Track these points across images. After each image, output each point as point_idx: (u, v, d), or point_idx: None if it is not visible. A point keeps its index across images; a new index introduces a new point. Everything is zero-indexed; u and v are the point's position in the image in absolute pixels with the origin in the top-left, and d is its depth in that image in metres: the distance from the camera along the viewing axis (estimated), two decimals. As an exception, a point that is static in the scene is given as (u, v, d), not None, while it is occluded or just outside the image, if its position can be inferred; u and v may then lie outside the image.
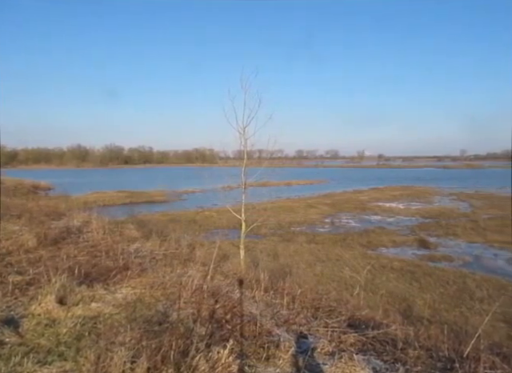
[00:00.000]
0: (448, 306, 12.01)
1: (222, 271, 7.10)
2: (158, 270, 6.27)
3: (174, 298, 4.87)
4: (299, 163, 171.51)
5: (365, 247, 20.86)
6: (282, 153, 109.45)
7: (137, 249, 8.04)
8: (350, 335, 4.24)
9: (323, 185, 67.32)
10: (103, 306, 4.63)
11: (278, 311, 4.95)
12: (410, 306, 11.28)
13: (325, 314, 4.90)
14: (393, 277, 15.15)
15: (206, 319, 4.12)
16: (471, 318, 10.07)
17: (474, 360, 3.51)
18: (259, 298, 5.42)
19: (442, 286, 14.11)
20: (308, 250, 19.66)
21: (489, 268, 17.05)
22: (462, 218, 30.32)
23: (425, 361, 3.67)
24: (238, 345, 3.68)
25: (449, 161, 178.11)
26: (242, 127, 11.05)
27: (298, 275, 10.23)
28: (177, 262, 6.95)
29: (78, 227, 9.88)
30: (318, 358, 3.72)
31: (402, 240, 22.70)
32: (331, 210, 35.33)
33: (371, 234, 24.31)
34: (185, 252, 8.16)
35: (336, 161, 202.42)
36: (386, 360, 3.74)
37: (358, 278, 10.31)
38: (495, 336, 8.53)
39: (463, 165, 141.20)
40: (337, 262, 17.35)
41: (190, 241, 10.50)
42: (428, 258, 18.61)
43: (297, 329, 4.42)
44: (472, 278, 14.78)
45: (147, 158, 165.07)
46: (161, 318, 4.23)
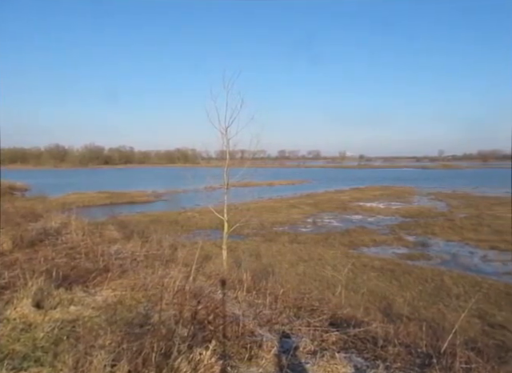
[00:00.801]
0: (426, 303, 12.28)
1: (205, 272, 7.07)
2: (140, 272, 6.18)
3: (155, 299, 4.81)
4: (281, 163, 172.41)
5: (346, 247, 21.12)
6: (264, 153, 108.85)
7: (117, 250, 7.91)
8: (332, 334, 4.29)
9: (305, 185, 67.83)
10: (82, 309, 4.53)
11: (261, 311, 4.96)
12: (390, 305, 11.49)
13: (307, 314, 4.94)
14: (373, 276, 15.38)
15: (188, 321, 4.09)
16: (448, 315, 10.33)
17: (451, 355, 3.61)
18: (242, 298, 5.42)
19: (421, 284, 14.42)
20: (290, 250, 19.76)
21: (465, 266, 17.53)
22: (440, 217, 31.06)
23: (404, 357, 3.74)
24: (220, 346, 3.67)
25: (427, 161, 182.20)
26: (225, 127, 11.04)
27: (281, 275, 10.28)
28: (158, 263, 6.87)
29: (56, 229, 9.65)
30: (301, 357, 3.74)
31: (382, 239, 23.09)
32: (313, 210, 35.63)
33: (352, 234, 24.63)
34: (167, 253, 8.08)
35: (318, 161, 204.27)
36: (366, 357, 3.80)
37: (339, 278, 10.45)
38: (470, 332, 8.81)
39: (441, 165, 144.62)
40: (319, 261, 17.50)
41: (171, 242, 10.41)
42: (407, 257, 18.98)
43: (279, 328, 4.44)
44: (449, 276, 15.17)
45: (128, 159, 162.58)
46: (142, 321, 4.18)
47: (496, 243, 21.33)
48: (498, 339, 9.44)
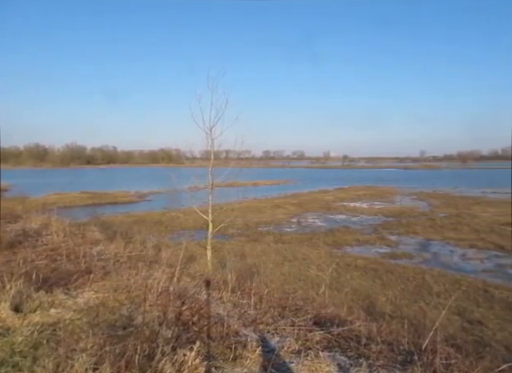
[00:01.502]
0: (408, 301, 12.51)
1: (189, 273, 7.03)
2: (123, 273, 6.10)
3: (139, 301, 4.76)
4: (266, 164, 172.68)
5: (330, 246, 21.32)
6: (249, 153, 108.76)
7: (100, 251, 7.79)
8: (316, 333, 4.32)
9: (290, 185, 68.19)
10: (63, 312, 4.44)
11: (246, 311, 4.96)
12: (373, 303, 11.65)
13: (291, 313, 4.96)
14: (357, 275, 15.57)
15: (172, 322, 4.06)
16: (429, 313, 10.55)
17: (432, 352, 3.68)
18: (226, 298, 5.41)
19: (403, 282, 14.68)
20: (275, 250, 19.83)
21: (445, 264, 17.93)
22: (422, 216, 31.68)
23: (386, 355, 3.80)
24: (204, 346, 3.65)
25: (409, 162, 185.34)
26: (209, 127, 10.99)
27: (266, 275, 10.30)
28: (142, 264, 6.80)
29: (36, 230, 9.44)
30: (285, 356, 3.76)
31: (365, 239, 23.39)
32: (298, 210, 35.84)
33: (336, 234, 24.88)
34: (150, 254, 8.00)
35: (302, 161, 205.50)
36: (350, 356, 3.84)
37: (323, 277, 10.53)
38: (450, 328, 9.02)
39: (422, 166, 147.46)
40: (303, 261, 17.61)
41: (155, 242, 10.32)
42: (390, 256, 19.29)
43: (264, 328, 4.45)
44: (430, 274, 15.48)
45: (111, 158, 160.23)
46: (125, 323, 4.12)
47: (474, 242, 21.90)
48: (476, 335, 9.70)
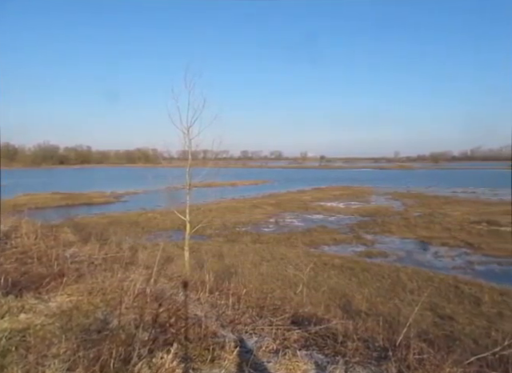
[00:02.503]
0: (383, 299, 12.78)
1: (166, 274, 6.95)
2: (97, 276, 5.96)
3: (114, 303, 4.66)
4: (244, 164, 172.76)
5: (308, 246, 21.53)
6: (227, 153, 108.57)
7: (73, 254, 7.59)
8: (294, 332, 4.35)
9: (268, 185, 68.43)
10: (34, 317, 4.30)
11: (224, 312, 4.95)
12: (349, 301, 11.84)
13: (269, 313, 4.98)
14: (334, 274, 15.79)
15: (149, 324, 4.00)
16: (403, 309, 10.82)
17: (405, 348, 3.78)
18: (204, 299, 5.38)
19: (379, 280, 14.99)
20: (253, 250, 19.85)
21: (419, 262, 18.44)
22: (396, 215, 32.46)
23: (362, 352, 3.87)
24: (182, 348, 3.62)
25: (384, 162, 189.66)
26: (187, 127, 10.91)
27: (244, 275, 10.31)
28: (118, 266, 6.67)
29: (5, 232, 9.09)
30: (263, 356, 3.77)
31: (342, 238, 23.76)
32: (275, 210, 36.01)
33: (314, 233, 25.15)
34: (126, 255, 7.86)
35: (280, 161, 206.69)
36: (327, 354, 3.89)
37: (301, 276, 10.65)
38: (423, 324, 9.29)
39: (397, 166, 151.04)
40: (281, 261, 17.71)
41: (132, 243, 10.16)
42: (366, 255, 19.68)
43: (242, 329, 4.45)
44: (404, 272, 15.88)
45: (85, 158, 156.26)
46: (100, 326, 4.03)
47: (446, 240, 22.63)
48: (447, 330, 10.02)
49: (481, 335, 9.41)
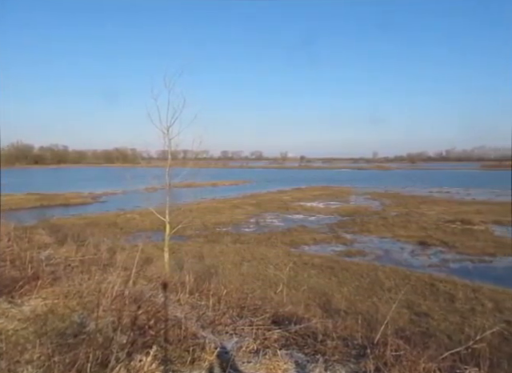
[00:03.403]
0: (362, 297, 12.99)
1: (146, 275, 6.86)
2: (74, 278, 5.83)
3: (91, 306, 4.57)
4: (225, 164, 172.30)
5: (288, 246, 21.64)
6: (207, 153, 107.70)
7: (49, 256, 7.39)
8: (274, 332, 4.38)
9: (248, 185, 68.46)
10: (6, 322, 4.16)
11: (204, 313, 4.93)
12: (329, 300, 11.98)
13: (250, 313, 4.99)
14: (314, 273, 15.93)
15: (127, 327, 3.94)
16: (381, 307, 11.03)
17: (383, 345, 3.86)
18: (184, 300, 5.34)
19: (357, 279, 15.22)
20: (234, 251, 19.81)
21: (396, 260, 18.83)
22: (374, 215, 33.03)
23: (341, 350, 3.93)
24: (161, 351, 3.58)
25: (363, 162, 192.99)
26: (166, 127, 10.79)
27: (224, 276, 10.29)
28: (95, 268, 6.54)
29: (-25, 235, 8.75)
30: (243, 356, 3.77)
31: (322, 238, 23.99)
32: (256, 211, 36.06)
33: (294, 233, 25.31)
34: (104, 257, 7.72)
35: (260, 162, 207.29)
36: (307, 353, 3.93)
37: (281, 276, 10.70)
38: (400, 321, 9.50)
39: (375, 166, 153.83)
40: (262, 261, 17.74)
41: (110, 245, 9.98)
42: (345, 254, 19.94)
43: (222, 329, 4.44)
44: (382, 271, 16.18)
45: (61, 158, 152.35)
46: (76, 330, 3.94)
47: (422, 239, 23.18)
48: (423, 327, 10.28)
49: (455, 331, 9.70)
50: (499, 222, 28.50)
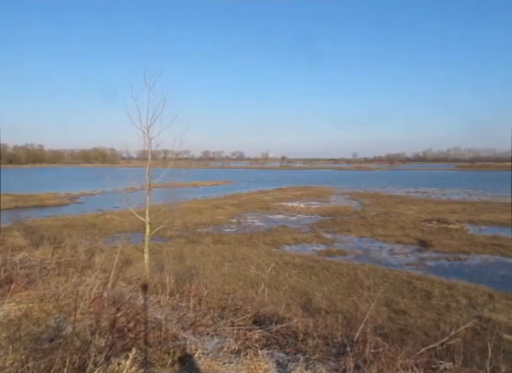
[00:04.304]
0: (342, 296, 13.16)
1: (125, 277, 6.76)
2: (50, 281, 5.68)
3: (68, 310, 4.46)
4: (206, 164, 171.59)
5: (269, 246, 21.71)
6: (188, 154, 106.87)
7: (23, 259, 7.17)
8: (256, 332, 4.38)
9: (229, 186, 68.32)
10: (-21, 328, 4.02)
11: (185, 314, 4.89)
12: (309, 299, 12.08)
13: (231, 314, 4.98)
14: (295, 273, 16.04)
15: (106, 330, 3.87)
16: (361, 306, 11.19)
17: (362, 343, 3.93)
18: (165, 302, 5.28)
19: (338, 278, 15.42)
20: (215, 251, 19.74)
21: (375, 259, 19.17)
22: (354, 215, 33.54)
23: (322, 349, 3.97)
24: (141, 353, 3.54)
25: (343, 163, 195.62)
26: (146, 127, 10.64)
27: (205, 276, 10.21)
28: (73, 270, 6.40)
29: None
30: (224, 357, 3.76)
31: (302, 237, 24.18)
32: (237, 211, 36.02)
33: (275, 233, 25.41)
34: (82, 259, 7.55)
35: (241, 162, 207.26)
36: (288, 352, 3.95)
37: (263, 276, 10.71)
38: (379, 319, 9.66)
39: (355, 167, 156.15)
40: (243, 261, 17.73)
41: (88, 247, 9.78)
42: (325, 254, 20.16)
43: (203, 330, 4.41)
44: (362, 270, 16.44)
45: (37, 158, 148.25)
46: (52, 334, 3.84)
47: (400, 238, 23.70)
48: (400, 324, 10.51)
49: (431, 327, 9.95)
50: (472, 221, 29.44)
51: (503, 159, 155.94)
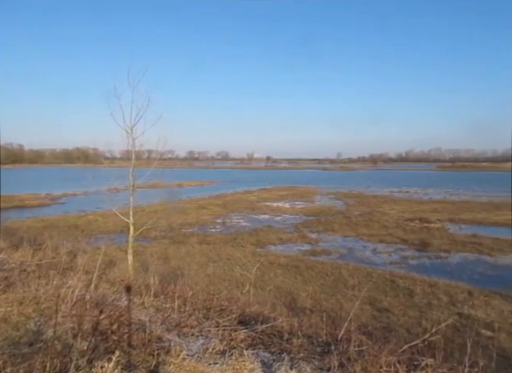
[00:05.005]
0: (327, 295, 13.27)
1: (108, 279, 6.67)
2: (30, 284, 5.55)
3: (49, 313, 4.37)
4: (190, 164, 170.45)
5: (254, 246, 21.73)
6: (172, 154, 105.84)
7: (2, 261, 6.98)
8: (241, 332, 4.38)
9: (214, 186, 68.05)
10: (-45, 332, 3.89)
11: (169, 316, 4.85)
12: (294, 299, 12.15)
13: (216, 314, 4.97)
14: (280, 272, 16.10)
15: (88, 333, 3.80)
16: (345, 305, 11.33)
17: (346, 341, 3.97)
18: (149, 303, 5.23)
19: (322, 277, 15.54)
20: (200, 251, 19.64)
21: (359, 258, 19.40)
22: (339, 215, 33.86)
23: (307, 348, 4.00)
24: (125, 356, 3.49)
25: (327, 163, 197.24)
26: (130, 126, 10.51)
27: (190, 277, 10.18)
28: (54, 272, 6.27)
29: None
30: (210, 358, 3.75)
31: (287, 237, 24.28)
32: (222, 211, 35.92)
33: (260, 233, 25.44)
34: (64, 261, 7.41)
35: (226, 162, 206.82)
36: (273, 352, 3.97)
37: (248, 276, 10.71)
38: (363, 317, 9.80)
39: (339, 167, 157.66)
40: (228, 261, 17.70)
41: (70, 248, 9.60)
42: (310, 253, 20.29)
43: (188, 331, 4.39)
44: (346, 269, 16.61)
45: (17, 158, 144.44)
46: (32, 338, 3.75)
47: (383, 237, 24.05)
48: (384, 322, 10.66)
49: (413, 325, 10.13)
50: (453, 220, 30.11)
51: (480, 160, 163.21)
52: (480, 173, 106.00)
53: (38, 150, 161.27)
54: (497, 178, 77.44)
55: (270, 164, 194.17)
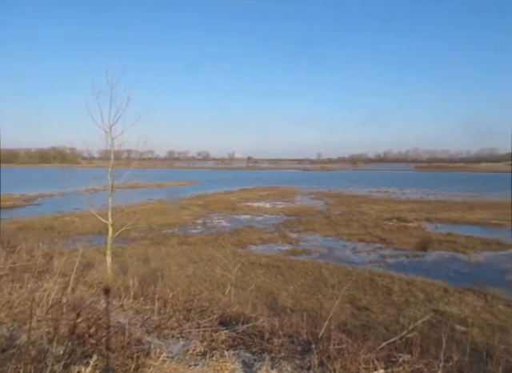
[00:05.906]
0: (307, 294, 13.40)
1: (86, 281, 6.51)
2: (3, 288, 5.36)
3: (23, 317, 4.23)
4: (171, 164, 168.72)
5: (235, 246, 21.70)
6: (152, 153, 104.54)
7: (-27, 264, 6.72)
8: (222, 333, 4.36)
9: (195, 186, 67.61)
10: None
11: (149, 318, 4.78)
12: (275, 299, 12.21)
13: (197, 315, 4.93)
14: (261, 272, 16.14)
15: (64, 337, 3.70)
16: (325, 303, 11.46)
17: (326, 339, 4.01)
18: (128, 306, 5.15)
19: (303, 277, 15.68)
20: (180, 252, 19.47)
21: (339, 258, 19.66)
22: (319, 214, 34.22)
23: (287, 347, 4.02)
24: (103, 359, 3.42)
25: (308, 163, 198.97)
26: (109, 126, 10.34)
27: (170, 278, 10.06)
28: (29, 275, 6.07)
29: None
30: (190, 359, 3.72)
31: (268, 237, 24.38)
32: (203, 211, 35.73)
33: (241, 233, 25.44)
34: (39, 263, 7.18)
35: (207, 162, 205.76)
36: (254, 352, 3.97)
37: (229, 277, 10.70)
38: (343, 316, 9.94)
39: (319, 167, 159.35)
40: (209, 262, 17.62)
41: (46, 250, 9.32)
42: (291, 253, 20.43)
43: (169, 333, 4.34)
44: (326, 268, 16.81)
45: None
46: (4, 344, 3.63)
47: (363, 236, 24.46)
48: (363, 320, 10.84)
49: (391, 322, 10.36)
50: (429, 219, 30.91)
51: (455, 160, 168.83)
52: (455, 173, 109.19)
53: (13, 150, 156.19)
54: (471, 178, 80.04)
55: (251, 164, 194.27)
